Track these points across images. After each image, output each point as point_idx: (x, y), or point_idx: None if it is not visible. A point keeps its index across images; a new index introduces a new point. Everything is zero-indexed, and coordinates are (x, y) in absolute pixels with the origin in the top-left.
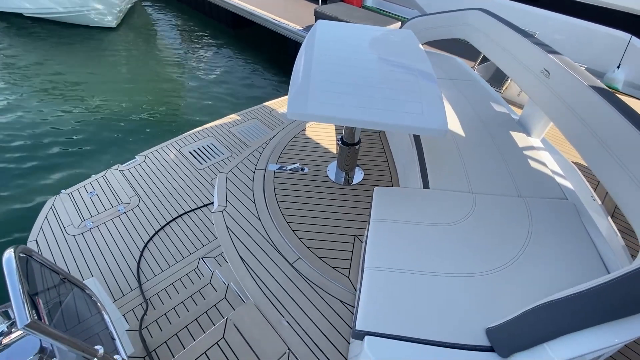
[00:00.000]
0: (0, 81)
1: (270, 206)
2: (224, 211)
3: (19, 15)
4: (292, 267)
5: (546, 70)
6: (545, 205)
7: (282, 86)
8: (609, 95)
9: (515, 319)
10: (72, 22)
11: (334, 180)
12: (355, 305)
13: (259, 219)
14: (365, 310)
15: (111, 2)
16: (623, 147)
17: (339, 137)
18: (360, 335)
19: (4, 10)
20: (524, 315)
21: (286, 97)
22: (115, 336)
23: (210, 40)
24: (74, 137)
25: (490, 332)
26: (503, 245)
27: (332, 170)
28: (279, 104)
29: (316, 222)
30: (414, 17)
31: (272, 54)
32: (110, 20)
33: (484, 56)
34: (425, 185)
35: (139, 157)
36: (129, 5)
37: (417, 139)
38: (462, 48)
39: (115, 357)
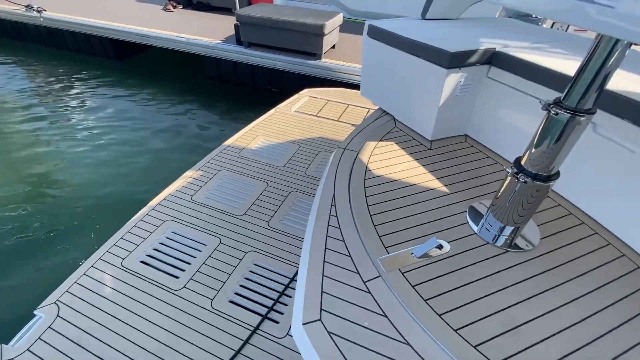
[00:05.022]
0: None
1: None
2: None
3: None
4: None
5: None
6: None
7: (223, 118)
8: None
9: None
10: None
11: (481, 236)
12: None
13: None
14: None
15: None
16: None
17: (510, 167)
18: None
19: None
20: None
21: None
22: None
23: (89, 84)
24: None
25: None
26: None
27: (474, 218)
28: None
29: None
30: None
31: (186, 79)
32: None
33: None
34: None
35: (39, 313)
36: None
37: None
38: None
39: None
